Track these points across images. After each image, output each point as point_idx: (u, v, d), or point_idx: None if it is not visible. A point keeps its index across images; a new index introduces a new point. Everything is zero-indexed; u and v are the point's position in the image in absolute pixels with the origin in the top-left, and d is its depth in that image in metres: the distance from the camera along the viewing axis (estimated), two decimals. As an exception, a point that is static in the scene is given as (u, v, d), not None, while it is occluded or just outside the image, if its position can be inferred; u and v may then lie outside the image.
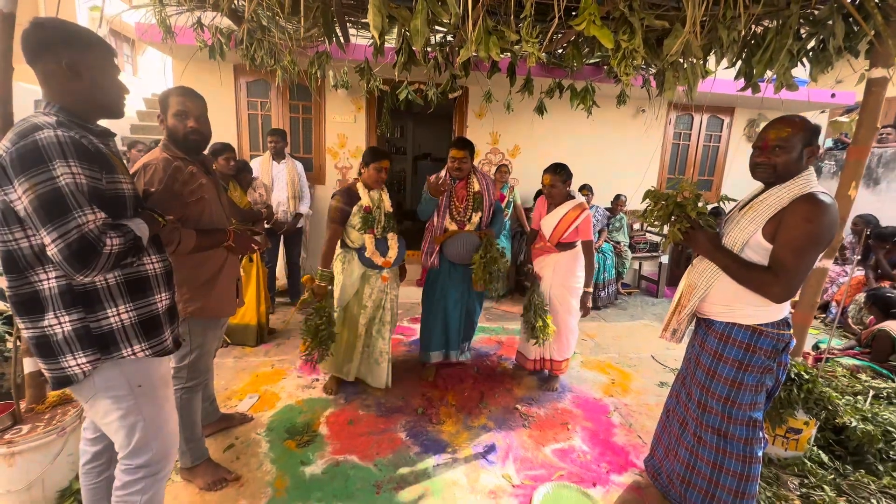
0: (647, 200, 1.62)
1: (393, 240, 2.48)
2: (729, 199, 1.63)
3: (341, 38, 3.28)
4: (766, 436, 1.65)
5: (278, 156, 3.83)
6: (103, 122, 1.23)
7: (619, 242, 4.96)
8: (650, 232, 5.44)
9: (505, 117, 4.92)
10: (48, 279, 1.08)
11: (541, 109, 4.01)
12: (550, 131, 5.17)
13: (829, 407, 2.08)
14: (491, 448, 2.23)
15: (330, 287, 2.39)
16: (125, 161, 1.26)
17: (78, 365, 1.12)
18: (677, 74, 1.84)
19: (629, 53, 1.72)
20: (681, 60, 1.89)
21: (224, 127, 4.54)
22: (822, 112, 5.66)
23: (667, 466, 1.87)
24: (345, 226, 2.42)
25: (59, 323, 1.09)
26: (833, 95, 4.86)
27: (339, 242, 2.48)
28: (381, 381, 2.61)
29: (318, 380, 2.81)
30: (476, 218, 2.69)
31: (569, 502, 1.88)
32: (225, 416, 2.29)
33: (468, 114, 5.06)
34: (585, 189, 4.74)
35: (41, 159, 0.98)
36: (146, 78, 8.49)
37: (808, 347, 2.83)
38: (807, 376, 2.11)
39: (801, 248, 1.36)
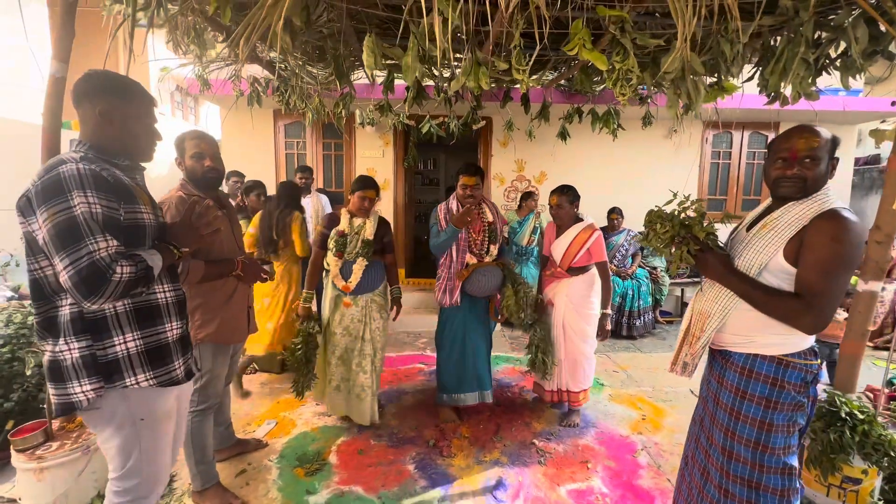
0: (649, 222, 1.49)
1: (359, 265, 2.41)
2: (733, 217, 1.51)
3: (363, 79, 3.50)
4: (801, 483, 1.44)
5: (305, 190, 4.06)
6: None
7: (655, 268, 4.71)
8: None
9: (529, 144, 4.93)
10: (64, 306, 1.14)
11: (563, 135, 4.00)
12: (577, 156, 5.12)
13: (893, 453, 1.79)
14: (501, 485, 2.11)
15: (309, 308, 2.44)
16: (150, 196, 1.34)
17: (83, 392, 1.14)
18: (679, 91, 1.77)
19: (623, 74, 1.70)
20: (684, 77, 1.83)
21: (263, 165, 4.91)
22: (882, 122, 5.18)
23: None
24: (325, 249, 2.47)
25: (69, 349, 1.13)
26: (894, 103, 4.46)
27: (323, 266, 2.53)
28: (363, 417, 2.50)
29: (334, 407, 2.83)
30: (494, 249, 2.59)
31: (580, 550, 1.72)
32: (240, 441, 2.35)
33: (492, 143, 5.13)
34: (615, 213, 4.59)
35: (61, 190, 1.05)
36: (205, 126, 9.45)
37: (876, 382, 2.49)
38: (861, 416, 1.84)
39: (831, 271, 1.21)
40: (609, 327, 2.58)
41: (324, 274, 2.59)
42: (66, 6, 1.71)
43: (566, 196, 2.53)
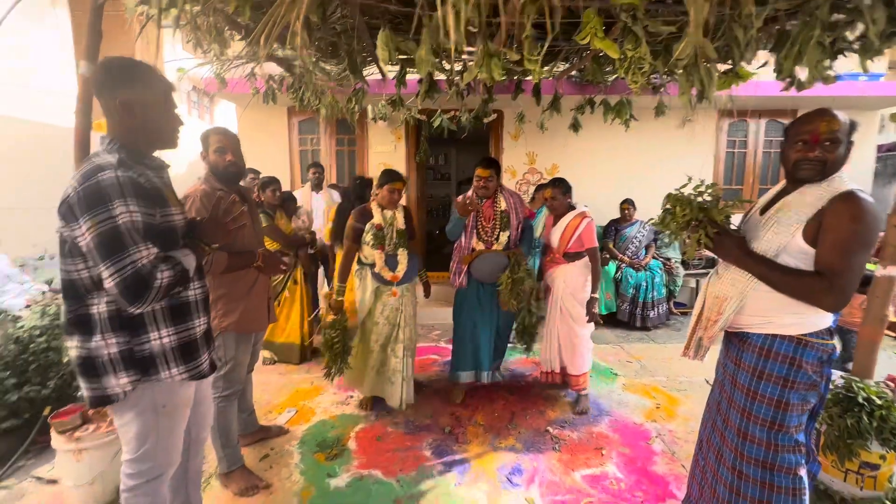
0: (668, 205, 1.50)
1: (402, 256, 2.54)
2: (744, 202, 1.51)
3: (375, 74, 3.54)
4: (810, 458, 1.45)
5: (317, 186, 4.13)
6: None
7: (669, 259, 4.68)
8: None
9: (540, 137, 4.93)
10: (99, 303, 1.18)
11: (575, 127, 3.98)
12: (589, 148, 5.09)
13: (911, 439, 1.78)
14: (516, 470, 2.16)
15: (343, 301, 2.52)
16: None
17: (119, 385, 1.20)
18: (691, 79, 1.77)
19: (636, 62, 1.70)
20: (697, 64, 1.83)
21: (278, 162, 5.00)
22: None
23: None
24: (359, 243, 2.55)
25: (106, 345, 1.18)
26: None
27: (356, 259, 2.61)
28: (394, 400, 2.59)
29: (352, 397, 2.91)
30: (504, 237, 2.68)
31: (594, 531, 1.76)
32: (263, 427, 2.44)
33: (503, 136, 5.14)
34: (627, 203, 4.57)
35: (102, 199, 1.08)
36: (222, 124, 9.62)
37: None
38: (880, 401, 1.84)
39: (851, 250, 1.23)
40: (596, 310, 2.69)
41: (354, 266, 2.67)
42: (94, 8, 1.78)
43: (559, 188, 2.74)
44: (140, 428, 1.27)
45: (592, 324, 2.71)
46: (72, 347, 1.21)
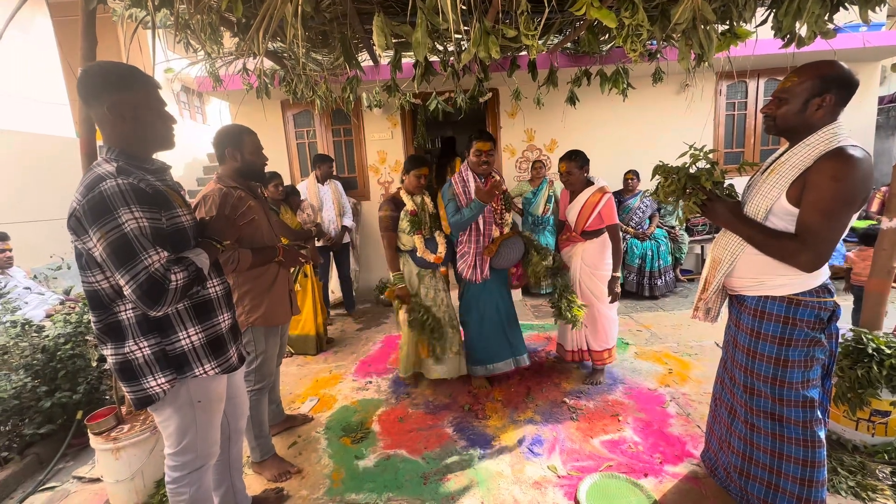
0: (657, 176, 1.55)
1: (440, 237, 2.60)
2: (751, 165, 1.53)
3: (367, 61, 3.51)
4: (826, 417, 1.50)
5: (324, 179, 4.13)
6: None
7: (673, 227, 4.69)
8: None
9: (538, 113, 4.89)
10: (126, 310, 1.21)
11: (572, 100, 3.95)
12: (587, 120, 5.05)
13: (921, 384, 1.83)
14: (537, 440, 2.23)
15: (406, 286, 2.61)
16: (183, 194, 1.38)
17: (158, 385, 1.25)
18: (690, 42, 1.76)
19: (633, 30, 1.69)
20: (695, 27, 1.81)
21: (276, 157, 4.99)
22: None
23: (723, 459, 1.74)
24: (396, 231, 2.58)
25: (139, 348, 1.22)
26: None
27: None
28: (457, 370, 2.72)
29: (370, 382, 2.98)
30: (509, 217, 2.62)
31: (617, 492, 1.83)
32: (289, 416, 2.51)
33: (500, 114, 5.09)
34: (631, 174, 4.56)
35: (107, 209, 1.09)
36: (214, 124, 9.54)
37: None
38: (889, 350, 1.88)
39: (829, 209, 1.24)
40: (618, 290, 2.61)
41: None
42: (87, 13, 1.77)
43: (574, 162, 2.54)
44: (179, 422, 1.33)
45: (616, 302, 2.64)
46: (108, 355, 1.25)
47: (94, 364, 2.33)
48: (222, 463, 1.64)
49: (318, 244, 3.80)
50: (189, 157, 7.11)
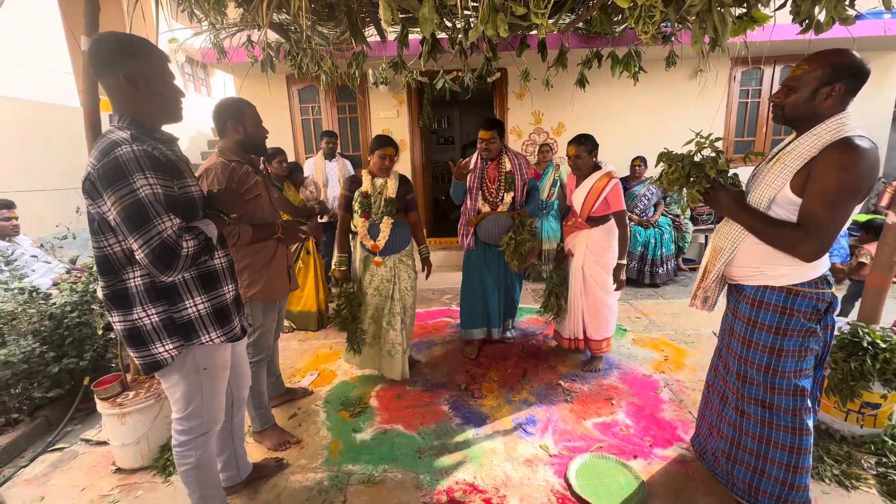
0: (661, 164, 1.54)
1: (386, 224, 2.44)
2: (756, 155, 1.51)
3: (374, 37, 3.44)
4: (816, 406, 1.53)
5: (330, 155, 4.11)
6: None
7: (677, 216, 4.66)
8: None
9: (546, 95, 4.81)
10: (135, 277, 1.24)
11: (581, 82, 3.88)
12: (596, 105, 4.96)
13: (913, 379, 1.84)
14: (530, 420, 2.28)
15: (344, 270, 2.53)
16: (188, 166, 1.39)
17: (166, 350, 1.28)
18: (704, 26, 1.71)
19: (646, 10, 1.65)
20: (710, 9, 1.75)
21: (281, 133, 4.96)
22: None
23: (711, 444, 1.79)
24: (350, 212, 2.52)
25: (147, 315, 1.25)
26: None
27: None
28: (395, 373, 2.59)
29: (370, 359, 3.03)
30: (508, 198, 2.69)
31: (606, 472, 1.88)
32: (289, 389, 2.57)
33: (508, 96, 5.01)
34: (638, 160, 4.51)
35: (123, 174, 1.11)
36: (219, 97, 9.45)
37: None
38: (884, 345, 1.89)
39: (834, 200, 1.23)
40: (624, 277, 2.58)
41: (350, 237, 2.67)
42: (89, -19, 1.74)
43: (584, 146, 2.50)
44: (186, 389, 1.38)
45: (619, 291, 2.62)
46: (115, 322, 1.28)
47: (100, 332, 2.37)
48: (225, 430, 1.70)
49: (321, 221, 3.81)
50: (193, 131, 7.06)
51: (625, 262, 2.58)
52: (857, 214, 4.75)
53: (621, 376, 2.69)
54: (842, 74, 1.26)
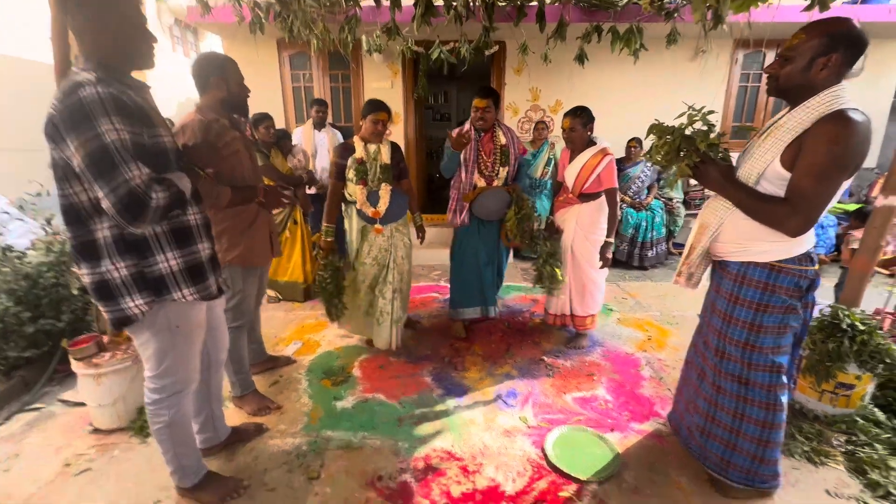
0: (652, 136, 1.50)
1: (385, 191, 2.41)
2: (750, 129, 1.48)
3: (367, 1, 3.30)
4: (793, 384, 1.54)
5: (320, 125, 4.00)
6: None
7: (671, 199, 4.64)
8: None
9: (544, 71, 4.69)
10: (103, 228, 1.19)
11: (581, 58, 3.77)
12: (595, 83, 4.87)
13: (888, 360, 1.86)
14: (511, 393, 2.29)
15: (332, 241, 2.48)
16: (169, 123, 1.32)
17: (136, 305, 1.25)
18: (707, 0, 1.65)
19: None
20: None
21: (270, 100, 4.81)
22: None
23: (687, 420, 1.80)
24: (343, 180, 2.44)
25: (116, 268, 1.21)
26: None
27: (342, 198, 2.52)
28: (382, 341, 2.58)
29: (355, 330, 3.02)
30: (503, 172, 2.63)
31: (582, 443, 1.90)
32: (271, 357, 2.56)
33: (506, 70, 4.89)
34: (634, 142, 4.45)
35: (86, 117, 1.05)
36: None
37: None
38: (863, 327, 1.90)
39: (822, 173, 1.21)
40: (610, 256, 2.56)
41: (343, 208, 2.59)
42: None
43: (579, 118, 2.45)
44: (158, 346, 1.35)
45: (605, 269, 2.63)
46: (83, 275, 1.24)
47: (75, 292, 2.33)
48: (202, 392, 1.68)
49: (309, 192, 3.73)
50: (182, 97, 6.84)
51: (612, 240, 2.56)
52: (848, 204, 4.78)
53: (604, 353, 2.71)
54: (839, 44, 1.22)
